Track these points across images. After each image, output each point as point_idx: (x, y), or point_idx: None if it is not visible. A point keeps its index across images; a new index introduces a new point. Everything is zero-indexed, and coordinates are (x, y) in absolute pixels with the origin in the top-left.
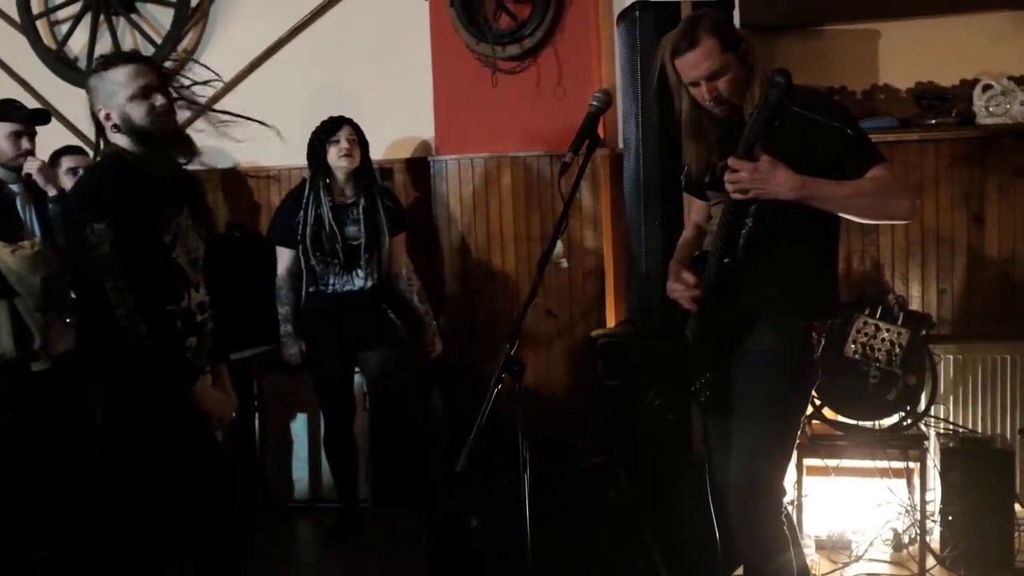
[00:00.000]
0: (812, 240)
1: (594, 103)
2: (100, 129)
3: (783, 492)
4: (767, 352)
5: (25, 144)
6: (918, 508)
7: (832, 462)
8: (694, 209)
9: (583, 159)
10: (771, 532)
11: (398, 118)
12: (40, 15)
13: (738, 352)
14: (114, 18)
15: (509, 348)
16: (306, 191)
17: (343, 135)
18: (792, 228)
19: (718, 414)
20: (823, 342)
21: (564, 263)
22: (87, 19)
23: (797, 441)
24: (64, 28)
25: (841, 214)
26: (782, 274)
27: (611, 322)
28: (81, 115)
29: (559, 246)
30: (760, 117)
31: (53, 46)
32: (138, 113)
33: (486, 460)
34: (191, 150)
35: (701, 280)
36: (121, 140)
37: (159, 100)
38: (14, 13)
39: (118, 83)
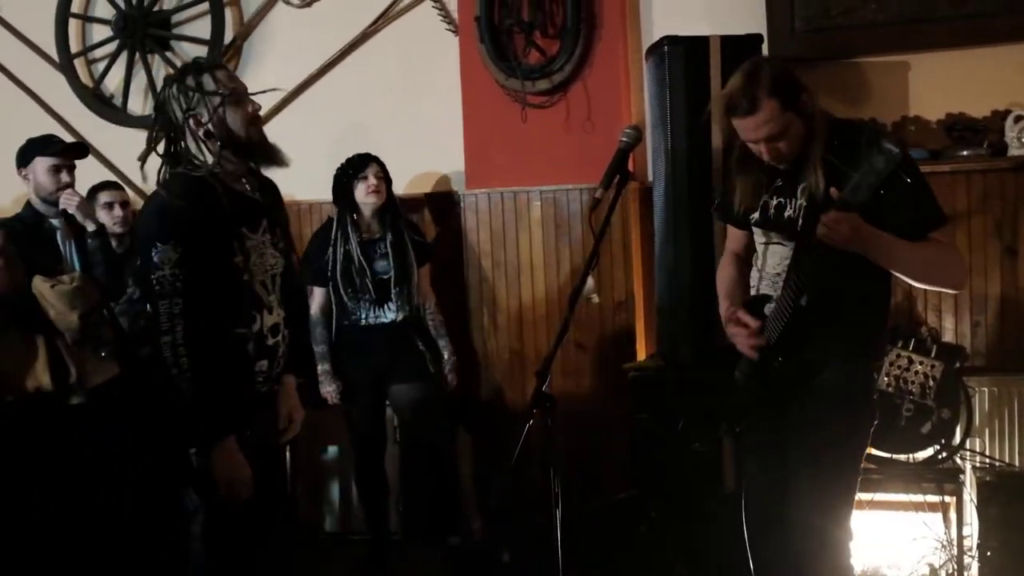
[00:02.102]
0: (875, 280)
1: (624, 139)
2: (175, 139)
3: (851, 536)
4: (833, 394)
5: (64, 178)
6: (955, 543)
7: (867, 496)
8: (731, 238)
9: (614, 194)
10: None
11: (427, 152)
12: (78, 54)
13: (799, 393)
14: (149, 56)
15: (540, 383)
16: (334, 228)
17: (371, 172)
18: (859, 269)
19: (763, 454)
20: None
21: (595, 298)
22: (123, 57)
23: None
24: (100, 66)
25: (895, 272)
26: (849, 314)
27: (641, 355)
28: (117, 151)
29: (590, 281)
30: (865, 182)
31: (90, 84)
32: (233, 118)
33: (518, 494)
34: (277, 158)
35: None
36: (203, 150)
37: (251, 106)
38: (53, 52)
39: (211, 88)
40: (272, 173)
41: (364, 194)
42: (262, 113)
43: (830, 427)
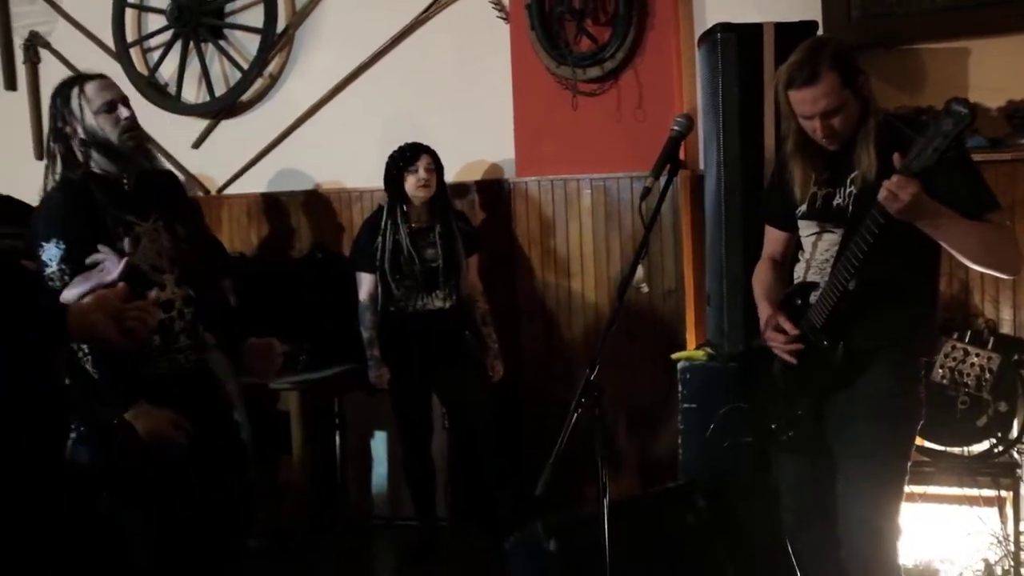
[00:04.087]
0: (925, 273)
1: (675, 127)
2: (60, 150)
3: (900, 532)
4: (881, 392)
5: None
6: (1011, 539)
7: (920, 489)
8: (769, 241)
9: (664, 184)
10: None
11: (477, 139)
12: (134, 43)
13: (843, 391)
14: (203, 44)
15: (589, 373)
16: (384, 217)
17: (421, 165)
18: (909, 259)
19: (801, 453)
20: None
21: (645, 288)
22: (177, 46)
23: None
24: (156, 55)
25: (949, 248)
26: (897, 302)
27: (691, 344)
28: (171, 139)
29: (640, 270)
30: (932, 145)
31: (145, 72)
32: (104, 126)
33: (566, 483)
34: (150, 161)
35: (798, 323)
36: (79, 155)
37: (124, 113)
38: (109, 42)
39: (85, 99)
40: (321, 160)
41: (414, 187)
42: (312, 101)
43: (878, 423)
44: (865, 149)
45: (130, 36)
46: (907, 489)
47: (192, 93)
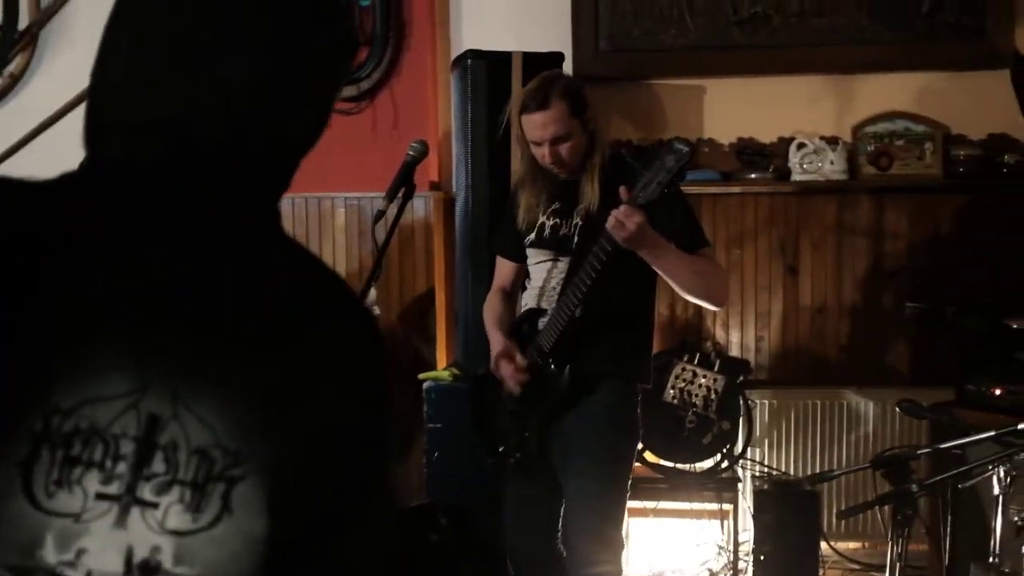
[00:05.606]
0: (643, 303)
1: (410, 152)
2: None
3: (623, 547)
4: (603, 416)
5: None
6: (731, 548)
7: (651, 504)
8: (500, 273)
9: (399, 207)
10: None
11: None
12: None
13: (568, 414)
14: None
15: None
16: None
17: None
18: (630, 289)
19: (528, 474)
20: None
21: (376, 310)
22: None
23: None
24: None
25: (667, 278)
26: (619, 336)
27: (440, 364)
28: None
29: (372, 292)
30: (656, 179)
31: None
32: None
33: None
34: None
35: (526, 349)
36: None
37: None
38: None
39: None
40: (68, 169)
41: None
42: (59, 105)
43: (599, 446)
44: (590, 181)
45: None
46: (641, 505)
47: None
